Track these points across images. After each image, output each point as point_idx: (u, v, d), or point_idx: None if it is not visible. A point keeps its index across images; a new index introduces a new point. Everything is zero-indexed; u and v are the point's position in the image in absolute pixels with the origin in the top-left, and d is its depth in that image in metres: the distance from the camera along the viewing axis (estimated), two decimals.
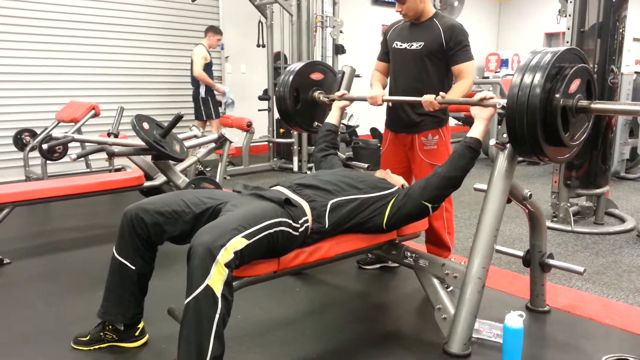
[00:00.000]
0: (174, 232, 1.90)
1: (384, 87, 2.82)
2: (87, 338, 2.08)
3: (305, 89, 2.91)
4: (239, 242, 1.62)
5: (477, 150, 2.06)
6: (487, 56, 11.02)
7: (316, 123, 3.00)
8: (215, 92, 6.05)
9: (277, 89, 2.92)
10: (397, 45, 2.68)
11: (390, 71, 2.79)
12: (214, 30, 6.04)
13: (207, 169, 5.59)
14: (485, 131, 2.11)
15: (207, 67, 5.93)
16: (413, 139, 2.67)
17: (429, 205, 2.05)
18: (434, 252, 2.71)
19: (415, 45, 2.59)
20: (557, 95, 1.77)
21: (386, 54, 2.80)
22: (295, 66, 2.92)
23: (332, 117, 2.77)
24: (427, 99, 2.33)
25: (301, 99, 2.90)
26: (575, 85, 1.81)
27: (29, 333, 2.25)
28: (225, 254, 1.57)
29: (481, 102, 2.09)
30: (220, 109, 6.26)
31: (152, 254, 1.99)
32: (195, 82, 5.95)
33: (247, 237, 1.65)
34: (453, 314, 1.96)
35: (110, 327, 2.07)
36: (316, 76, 2.94)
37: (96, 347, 2.07)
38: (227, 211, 1.83)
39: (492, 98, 2.08)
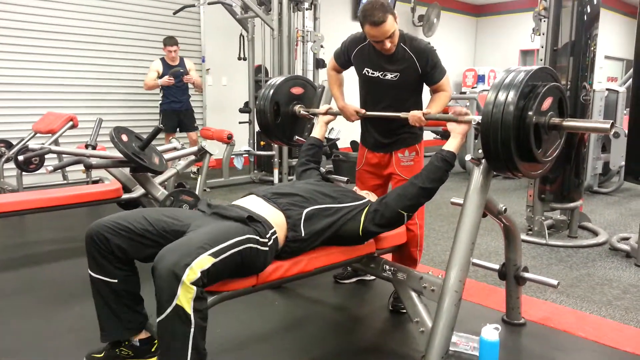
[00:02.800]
0: (137, 251, 1.85)
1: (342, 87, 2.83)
2: (102, 355, 2.01)
3: (286, 102, 2.93)
4: (205, 261, 1.58)
5: (451, 163, 2.11)
6: (464, 72, 11.21)
7: (296, 137, 3.02)
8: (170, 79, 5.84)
9: (257, 102, 2.93)
10: (368, 72, 2.58)
11: (360, 95, 2.74)
12: (164, 42, 5.88)
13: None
14: (461, 145, 2.16)
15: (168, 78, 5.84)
16: (390, 156, 2.68)
17: (405, 214, 2.09)
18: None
19: (390, 76, 2.52)
20: (530, 113, 1.82)
21: (346, 62, 2.72)
22: (276, 80, 2.95)
23: (316, 132, 2.79)
24: (415, 115, 2.35)
25: (281, 113, 2.92)
26: (547, 103, 1.87)
27: (3, 349, 2.20)
28: (191, 273, 1.53)
29: (459, 118, 2.14)
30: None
31: (129, 262, 1.92)
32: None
33: (213, 255, 1.61)
34: (430, 327, 1.99)
35: (127, 343, 2.01)
36: (296, 90, 2.96)
37: None
38: (191, 231, 1.79)
39: (467, 114, 2.13)
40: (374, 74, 2.57)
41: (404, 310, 2.45)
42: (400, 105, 2.55)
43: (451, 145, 2.13)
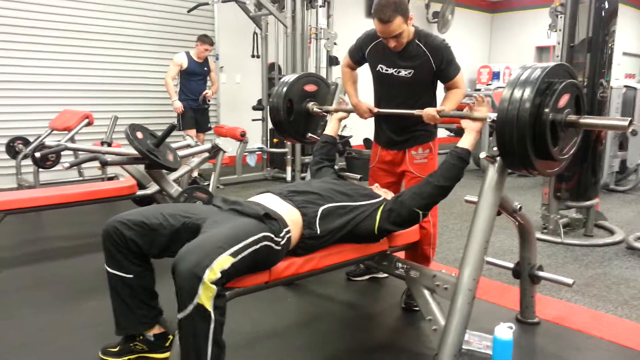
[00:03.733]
0: (152, 246, 1.88)
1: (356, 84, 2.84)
2: (117, 349, 2.06)
3: (299, 100, 2.93)
4: (225, 261, 1.60)
5: (467, 160, 2.10)
6: (479, 68, 11.11)
7: (309, 134, 3.03)
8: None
9: (271, 99, 2.94)
10: (382, 69, 2.59)
11: (375, 91, 2.74)
12: (200, 39, 5.79)
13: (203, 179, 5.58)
14: (476, 142, 2.14)
15: (191, 76, 5.79)
16: (404, 154, 2.68)
17: (420, 212, 2.08)
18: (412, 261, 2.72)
19: (404, 73, 2.52)
20: (547, 110, 1.80)
21: (361, 59, 2.73)
22: (289, 78, 2.95)
23: (329, 129, 2.80)
24: (429, 112, 2.35)
25: (295, 110, 2.92)
26: (564, 100, 1.84)
27: (19, 344, 2.24)
28: (211, 274, 1.55)
29: (475, 109, 2.12)
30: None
31: (145, 258, 1.96)
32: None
33: (233, 255, 1.63)
34: (443, 325, 1.98)
35: (141, 337, 2.06)
36: (310, 88, 2.96)
37: (126, 358, 2.06)
38: (209, 228, 1.81)
39: (483, 106, 2.11)
40: (388, 70, 2.57)
41: (417, 308, 2.44)
42: (414, 102, 2.54)
43: (466, 142, 2.12)
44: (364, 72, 2.80)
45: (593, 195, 3.95)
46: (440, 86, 2.62)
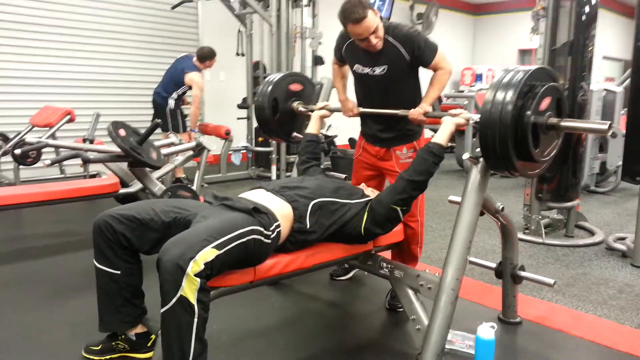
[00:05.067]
0: (142, 241, 1.88)
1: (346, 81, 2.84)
2: (99, 348, 2.05)
3: (284, 99, 2.92)
4: (209, 253, 1.60)
5: (438, 154, 2.09)
6: (462, 70, 11.22)
7: (294, 134, 3.02)
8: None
9: (256, 98, 2.93)
10: (358, 69, 2.55)
11: (356, 92, 2.72)
12: (214, 55, 5.63)
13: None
14: (449, 138, 2.15)
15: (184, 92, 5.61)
16: (387, 151, 2.67)
17: (399, 209, 2.09)
18: (398, 261, 2.74)
19: (379, 70, 2.47)
20: (528, 113, 1.82)
21: (342, 58, 2.71)
22: (274, 77, 2.94)
23: (312, 127, 2.78)
24: (415, 114, 2.36)
25: (280, 109, 2.91)
26: (545, 103, 1.87)
27: (1, 342, 2.21)
28: (195, 266, 1.55)
29: (458, 115, 2.14)
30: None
31: (134, 254, 1.95)
32: (165, 92, 5.50)
33: (217, 247, 1.63)
34: (427, 324, 1.99)
35: (123, 336, 2.04)
36: (295, 87, 2.95)
37: (107, 357, 2.04)
38: (197, 222, 1.81)
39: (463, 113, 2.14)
40: (364, 70, 2.54)
41: (401, 309, 2.46)
42: (397, 98, 2.51)
43: (439, 136, 2.13)
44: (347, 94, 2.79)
45: (574, 196, 4.01)
46: (425, 74, 2.58)
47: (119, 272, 1.92)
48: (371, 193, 2.37)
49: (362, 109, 2.65)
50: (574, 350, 2.31)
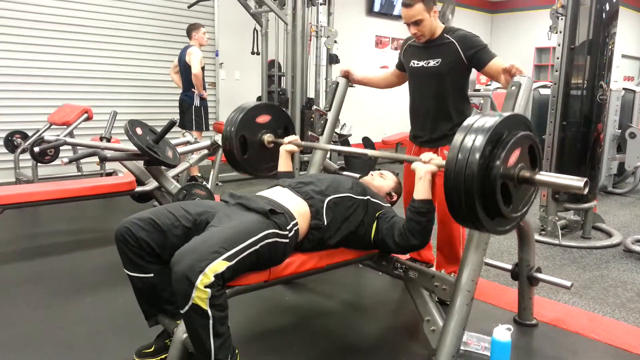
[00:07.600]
0: (165, 247, 1.85)
1: (380, 83, 3.04)
2: (152, 349, 2.03)
3: (253, 134, 2.69)
4: (219, 266, 1.59)
5: (429, 210, 1.98)
6: None
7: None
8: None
9: (222, 141, 2.67)
10: (414, 63, 2.70)
11: (410, 90, 2.80)
12: (196, 26, 5.52)
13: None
14: (430, 187, 1.98)
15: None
16: (436, 152, 2.60)
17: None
18: (442, 263, 2.75)
19: (433, 63, 2.60)
20: (498, 163, 1.58)
21: (400, 63, 2.86)
22: (238, 114, 2.65)
23: (282, 165, 2.58)
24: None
25: (249, 145, 2.68)
26: (515, 156, 1.64)
27: (17, 338, 2.23)
28: (205, 278, 1.55)
29: (428, 162, 1.99)
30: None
31: (161, 257, 1.90)
32: (189, 88, 5.46)
33: (228, 259, 1.62)
34: (442, 326, 1.98)
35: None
36: (262, 119, 2.73)
37: (163, 356, 2.01)
38: (212, 226, 1.80)
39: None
40: (418, 63, 2.68)
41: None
42: (444, 94, 2.61)
43: (420, 192, 1.98)
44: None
45: (591, 197, 3.96)
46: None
47: (151, 275, 1.90)
48: (378, 182, 2.44)
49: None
50: (590, 354, 2.28)
